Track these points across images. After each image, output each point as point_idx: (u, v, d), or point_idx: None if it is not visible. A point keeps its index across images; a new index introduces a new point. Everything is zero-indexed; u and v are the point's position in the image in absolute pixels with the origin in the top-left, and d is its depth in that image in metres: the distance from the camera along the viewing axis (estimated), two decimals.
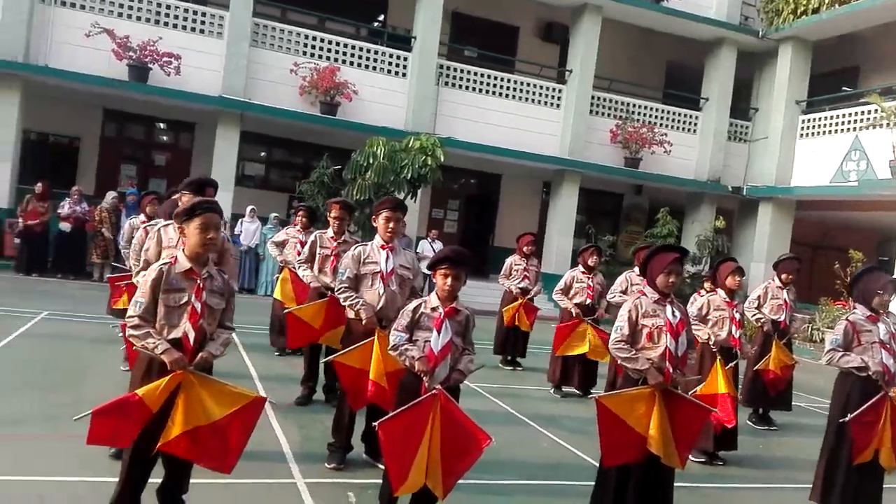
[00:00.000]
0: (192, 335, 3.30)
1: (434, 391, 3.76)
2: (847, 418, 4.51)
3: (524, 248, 9.42)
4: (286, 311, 6.02)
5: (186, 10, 14.60)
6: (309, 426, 5.54)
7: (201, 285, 3.35)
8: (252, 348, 8.29)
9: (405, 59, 16.23)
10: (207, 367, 3.35)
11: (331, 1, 16.98)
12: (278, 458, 4.83)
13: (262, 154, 17.74)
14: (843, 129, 16.47)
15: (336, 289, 4.87)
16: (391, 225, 4.77)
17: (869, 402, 4.53)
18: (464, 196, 19.49)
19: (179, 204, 4.46)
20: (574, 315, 8.11)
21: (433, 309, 3.94)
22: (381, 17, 18.77)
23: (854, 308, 4.86)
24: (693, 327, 5.98)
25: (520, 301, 9.23)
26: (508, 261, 9.55)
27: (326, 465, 4.73)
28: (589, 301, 8.20)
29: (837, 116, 16.69)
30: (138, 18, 14.18)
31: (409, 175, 14.21)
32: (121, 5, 14.08)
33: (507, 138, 16.63)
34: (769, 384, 7.47)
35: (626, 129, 17.55)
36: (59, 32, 13.57)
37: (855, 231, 19.16)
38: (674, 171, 18.05)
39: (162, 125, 16.92)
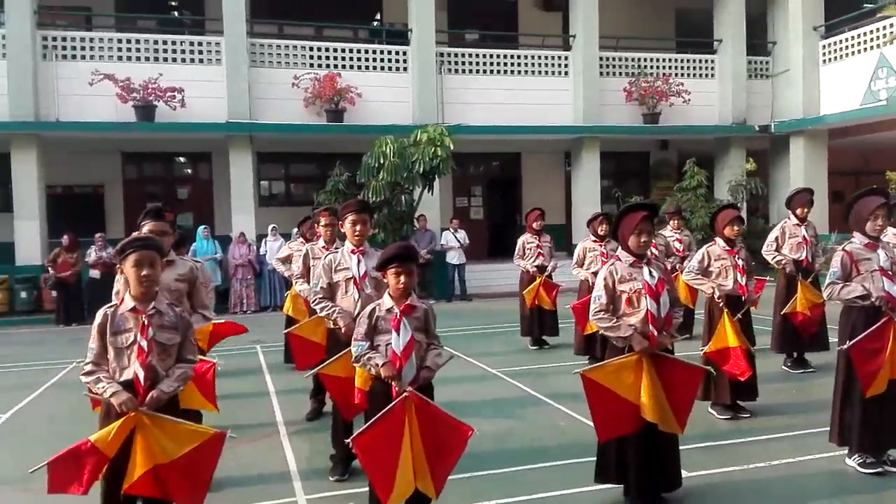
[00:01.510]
0: (141, 375, 3.29)
1: (405, 394, 3.67)
2: (846, 345, 4.28)
3: (534, 225, 9.23)
4: (286, 331, 6.00)
5: (182, 43, 14.81)
6: (317, 441, 5.51)
7: (146, 322, 3.34)
8: (276, 366, 8.37)
9: (404, 53, 16.14)
10: (160, 405, 3.33)
11: (325, 8, 17.02)
12: (283, 477, 4.82)
13: (282, 171, 17.91)
14: (866, 49, 15.66)
15: (311, 301, 4.83)
16: (358, 228, 4.70)
17: (872, 328, 4.28)
18: (485, 180, 19.33)
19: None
20: (590, 284, 7.92)
21: (388, 310, 3.81)
22: (378, 16, 18.71)
23: (852, 236, 4.59)
24: (696, 281, 5.82)
25: (538, 280, 9.05)
26: (521, 240, 9.37)
27: (330, 477, 4.71)
28: None
29: (858, 36, 15.89)
30: (137, 59, 14.45)
31: (422, 169, 14.16)
32: (119, 49, 14.38)
33: (518, 115, 16.36)
34: (800, 327, 7.18)
35: (640, 86, 17.09)
36: (63, 86, 13.93)
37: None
38: (696, 120, 17.48)
39: (181, 159, 17.26)
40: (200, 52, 14.90)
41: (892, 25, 14.54)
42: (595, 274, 7.86)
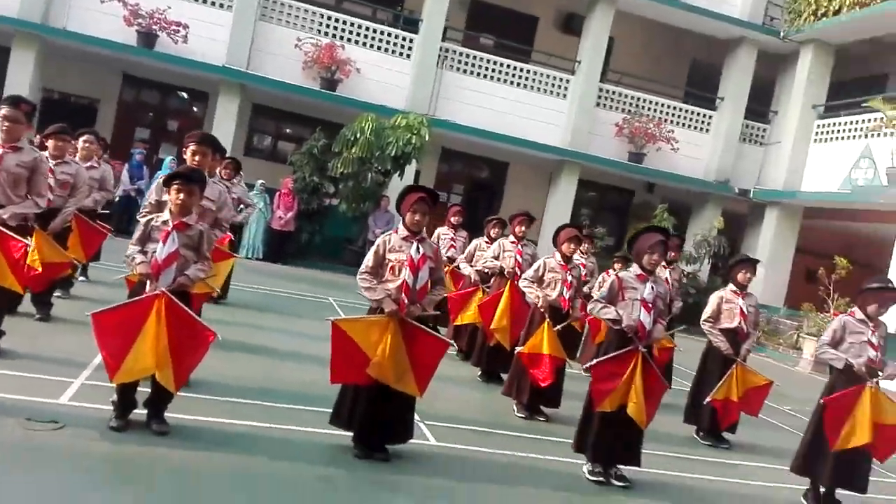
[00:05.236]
0: None
1: (157, 292, 4.10)
2: (588, 364, 4.64)
3: (451, 220, 9.57)
4: None
5: None
6: None
7: None
8: None
9: (411, 40, 16.53)
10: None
11: None
12: (80, 364, 5.23)
13: (272, 127, 18.35)
14: (855, 136, 15.81)
15: (139, 214, 5.24)
16: (197, 158, 5.08)
17: (615, 353, 4.64)
18: (469, 182, 19.67)
19: None
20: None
21: (164, 222, 4.26)
22: (402, 2, 19.14)
23: (629, 267, 4.92)
24: (527, 288, 6.14)
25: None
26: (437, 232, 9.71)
27: None
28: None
29: (851, 123, 16.03)
30: None
31: (394, 152, 14.59)
32: None
33: (510, 125, 16.67)
34: None
35: (632, 124, 17.36)
36: None
37: (871, 244, 18.20)
38: (681, 170, 17.72)
39: (181, 94, 17.80)
40: None
41: (879, 119, 14.66)
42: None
